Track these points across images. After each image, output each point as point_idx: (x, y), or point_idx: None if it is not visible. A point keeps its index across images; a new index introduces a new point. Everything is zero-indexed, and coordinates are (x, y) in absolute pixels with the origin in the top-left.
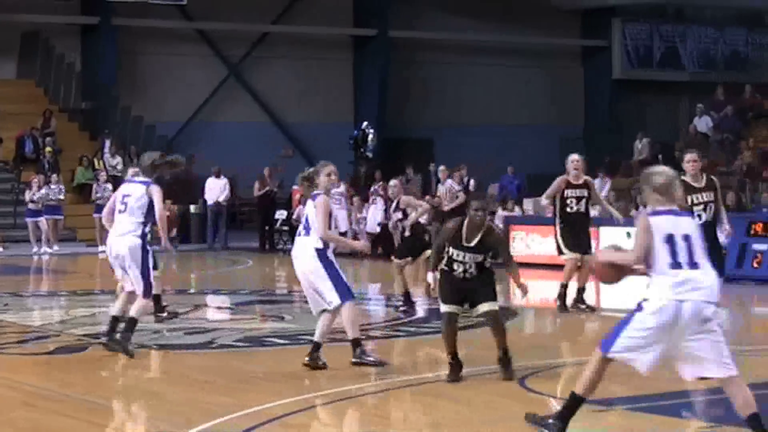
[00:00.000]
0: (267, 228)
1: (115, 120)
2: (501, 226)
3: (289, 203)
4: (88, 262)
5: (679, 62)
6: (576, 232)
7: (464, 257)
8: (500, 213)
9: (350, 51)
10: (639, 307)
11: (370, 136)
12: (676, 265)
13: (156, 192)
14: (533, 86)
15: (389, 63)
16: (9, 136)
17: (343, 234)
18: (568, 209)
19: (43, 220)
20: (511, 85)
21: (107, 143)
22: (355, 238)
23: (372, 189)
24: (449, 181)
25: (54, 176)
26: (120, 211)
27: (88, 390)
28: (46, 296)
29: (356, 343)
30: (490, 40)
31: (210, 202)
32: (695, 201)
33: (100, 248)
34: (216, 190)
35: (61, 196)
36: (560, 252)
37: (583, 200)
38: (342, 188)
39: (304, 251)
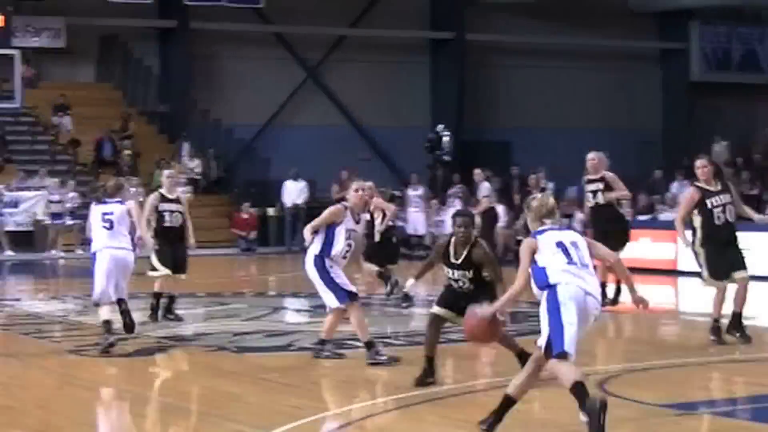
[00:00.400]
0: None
1: (193, 123)
2: (579, 228)
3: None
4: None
5: (757, 65)
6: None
7: (454, 274)
8: (578, 216)
9: (427, 54)
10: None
11: (446, 139)
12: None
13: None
14: (610, 89)
15: (466, 66)
16: (88, 140)
17: (421, 237)
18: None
19: None
20: (587, 87)
21: (185, 146)
22: (434, 241)
23: (449, 192)
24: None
25: (133, 179)
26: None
27: (167, 392)
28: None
29: (368, 345)
30: (566, 43)
31: (288, 204)
32: (715, 204)
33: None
34: (294, 192)
35: (141, 199)
36: None
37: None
38: (420, 191)
39: (306, 257)
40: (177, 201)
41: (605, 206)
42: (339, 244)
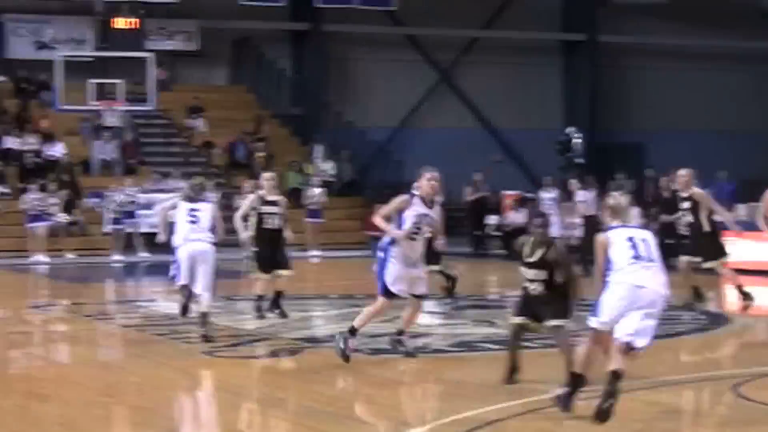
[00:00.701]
0: (479, 233)
1: (326, 125)
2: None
3: (499, 208)
4: (299, 267)
5: None
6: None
7: (529, 274)
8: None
9: (559, 56)
10: None
11: (577, 141)
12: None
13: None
14: (744, 91)
15: (598, 67)
16: (221, 142)
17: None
18: None
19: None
20: (721, 89)
21: (318, 149)
22: (565, 244)
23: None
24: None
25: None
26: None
27: (301, 393)
28: (258, 300)
29: (352, 330)
30: (700, 45)
31: None
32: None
33: (312, 252)
34: None
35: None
36: None
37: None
38: (553, 194)
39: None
40: (276, 203)
41: (695, 223)
42: (406, 227)
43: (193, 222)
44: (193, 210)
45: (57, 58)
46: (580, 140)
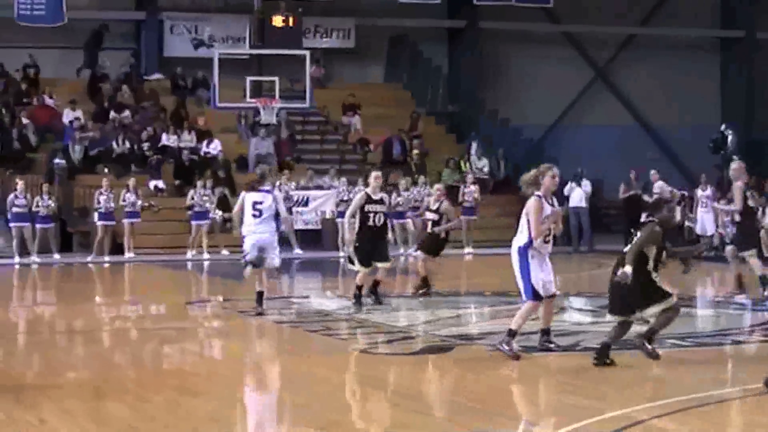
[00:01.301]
0: (633, 231)
1: (481, 123)
2: None
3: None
4: (453, 264)
5: None
6: None
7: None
8: None
9: (717, 52)
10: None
11: (731, 138)
12: None
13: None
14: None
15: (757, 64)
16: (376, 139)
17: (710, 237)
18: None
19: (409, 222)
20: None
21: (474, 145)
22: (721, 241)
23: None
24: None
25: (421, 178)
26: None
27: (453, 390)
28: (410, 297)
29: (511, 333)
30: None
31: (572, 204)
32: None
33: (466, 249)
34: (578, 192)
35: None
36: None
37: None
38: (709, 191)
39: (512, 248)
40: (381, 202)
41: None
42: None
43: (256, 215)
44: (256, 202)
45: (214, 55)
46: (733, 137)
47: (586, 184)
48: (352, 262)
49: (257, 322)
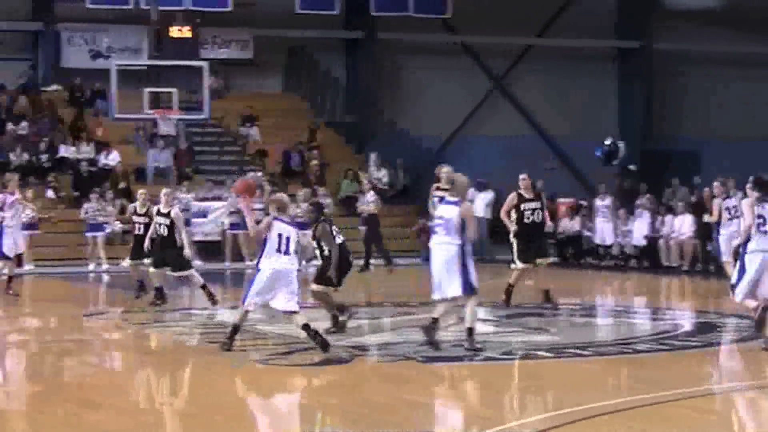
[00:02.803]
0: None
1: (379, 133)
2: None
3: (553, 215)
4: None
5: None
6: None
7: None
8: None
9: (614, 63)
10: None
11: (622, 149)
12: None
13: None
14: None
15: (653, 75)
16: (275, 150)
17: (609, 247)
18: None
19: (309, 233)
20: None
21: (372, 156)
22: (621, 251)
23: (637, 202)
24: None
25: (320, 189)
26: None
27: (352, 401)
28: (313, 308)
29: (470, 331)
30: (753, 52)
31: (474, 214)
32: (526, 208)
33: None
34: (481, 203)
35: (329, 210)
36: None
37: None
38: (608, 201)
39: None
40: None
41: None
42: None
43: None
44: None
45: (112, 66)
46: (624, 148)
47: (489, 194)
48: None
49: (157, 335)
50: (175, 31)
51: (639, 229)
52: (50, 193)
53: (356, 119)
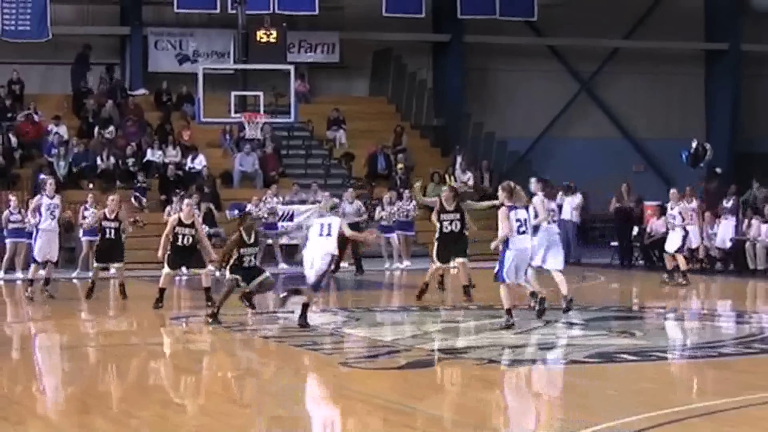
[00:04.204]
0: (624, 244)
1: (466, 136)
2: None
3: (641, 219)
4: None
5: None
6: None
7: None
8: None
9: (702, 65)
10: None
11: (709, 151)
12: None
13: None
14: None
15: (741, 77)
16: (362, 153)
17: (695, 250)
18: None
19: (394, 236)
20: None
21: (459, 159)
22: (707, 254)
23: (722, 205)
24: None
25: (406, 192)
26: None
27: (436, 404)
28: (398, 311)
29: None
30: None
31: (562, 217)
32: (444, 218)
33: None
34: (568, 206)
35: (414, 212)
36: None
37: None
38: (693, 204)
39: None
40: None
41: None
42: None
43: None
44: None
45: (199, 70)
46: (711, 150)
47: (577, 198)
48: None
49: (242, 337)
50: (262, 35)
51: (723, 232)
52: (132, 201)
53: (442, 122)
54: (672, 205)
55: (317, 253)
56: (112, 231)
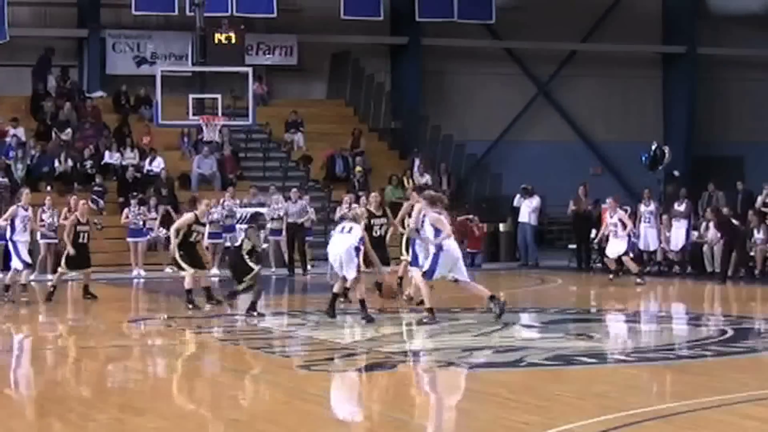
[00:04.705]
0: (581, 247)
1: (424, 139)
2: None
3: (598, 221)
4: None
5: None
6: None
7: None
8: None
9: (659, 68)
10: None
11: (666, 154)
12: None
13: None
14: None
15: (698, 80)
16: (320, 156)
17: (653, 253)
18: None
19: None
20: None
21: (417, 162)
22: (665, 256)
23: (674, 208)
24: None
25: (364, 195)
26: None
27: (395, 407)
28: (355, 313)
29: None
30: None
31: (520, 219)
32: (375, 223)
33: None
34: (526, 209)
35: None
36: None
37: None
38: (652, 206)
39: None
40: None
41: None
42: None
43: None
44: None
45: (157, 73)
46: (669, 153)
47: (535, 200)
48: None
49: (200, 340)
50: (220, 37)
51: (676, 235)
52: (90, 204)
53: (400, 125)
54: (611, 213)
55: (341, 248)
56: (86, 235)
